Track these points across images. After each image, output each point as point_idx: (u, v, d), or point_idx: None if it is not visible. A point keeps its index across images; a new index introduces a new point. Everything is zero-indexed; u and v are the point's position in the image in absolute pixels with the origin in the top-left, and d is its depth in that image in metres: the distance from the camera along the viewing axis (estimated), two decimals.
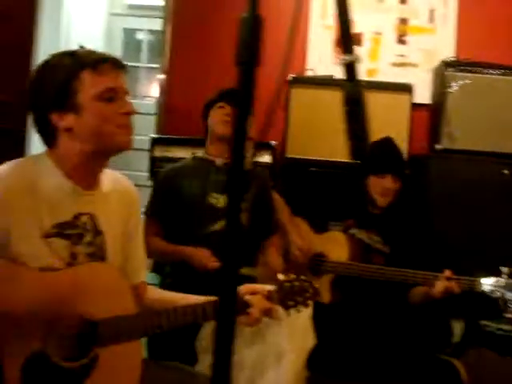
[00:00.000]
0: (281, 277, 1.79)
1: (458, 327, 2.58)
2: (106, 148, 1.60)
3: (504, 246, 3.21)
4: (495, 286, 2.26)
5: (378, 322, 2.50)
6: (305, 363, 2.15)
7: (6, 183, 1.49)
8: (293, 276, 1.80)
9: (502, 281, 2.25)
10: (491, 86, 3.48)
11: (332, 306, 2.54)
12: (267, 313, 1.68)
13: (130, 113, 1.60)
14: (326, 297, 2.56)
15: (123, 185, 1.78)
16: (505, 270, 2.27)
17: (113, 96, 1.56)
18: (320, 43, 3.98)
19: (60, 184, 1.57)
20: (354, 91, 0.98)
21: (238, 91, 2.78)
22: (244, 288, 1.69)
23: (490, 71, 3.51)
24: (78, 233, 1.59)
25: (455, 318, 2.60)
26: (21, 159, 1.60)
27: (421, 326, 2.49)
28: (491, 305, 2.40)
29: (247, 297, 1.65)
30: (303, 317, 1.97)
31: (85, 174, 1.61)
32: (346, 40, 0.97)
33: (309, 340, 2.11)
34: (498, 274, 2.28)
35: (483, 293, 2.29)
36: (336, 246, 2.58)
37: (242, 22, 0.88)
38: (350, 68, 0.97)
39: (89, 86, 1.54)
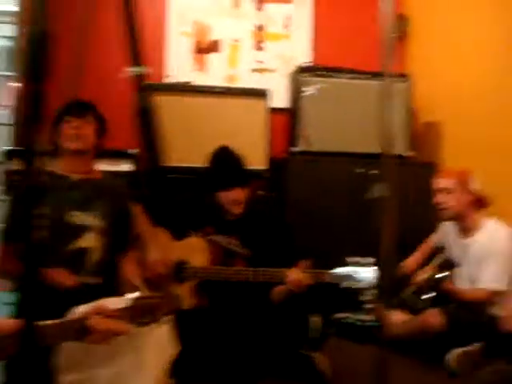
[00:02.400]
0: (134, 294, 1.80)
1: (316, 322, 2.70)
2: None
3: (360, 238, 3.42)
4: (343, 277, 2.40)
5: (242, 323, 2.56)
6: (168, 373, 2.14)
7: None
8: (147, 293, 1.82)
9: (348, 271, 2.40)
10: (344, 90, 3.68)
11: (196, 311, 2.56)
12: (116, 332, 1.67)
13: None
14: (190, 303, 2.58)
15: None
16: (351, 260, 2.41)
17: None
18: (178, 50, 4.00)
19: None
20: (144, 102, 0.99)
21: (86, 103, 2.69)
22: (91, 308, 1.67)
23: (343, 76, 3.71)
24: None
25: (313, 313, 2.70)
26: None
27: (281, 324, 2.57)
28: (351, 297, 2.53)
29: (89, 321, 1.63)
30: (163, 328, 1.97)
31: None
32: (134, 52, 0.97)
33: (170, 349, 2.10)
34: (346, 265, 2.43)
35: (332, 284, 2.43)
36: (197, 253, 2.61)
37: (28, 35, 0.84)
38: (139, 79, 0.98)
39: None
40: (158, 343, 2.02)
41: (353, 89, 3.70)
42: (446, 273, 2.98)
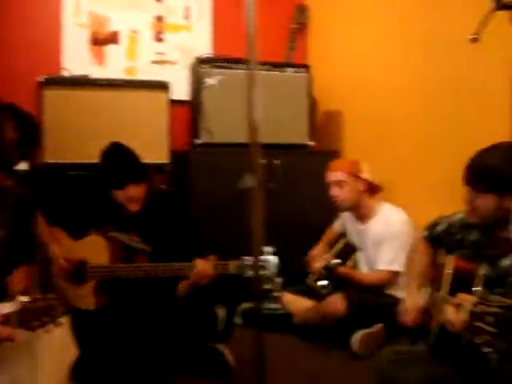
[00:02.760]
0: (21, 298, 1.72)
1: (220, 313, 2.70)
2: None
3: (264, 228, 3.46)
4: (247, 267, 2.39)
5: (146, 320, 2.51)
6: (67, 377, 2.08)
7: None
8: (37, 296, 1.74)
9: (251, 260, 2.39)
10: (245, 81, 3.66)
11: (98, 311, 2.50)
12: (3, 338, 1.61)
13: None
14: (91, 303, 2.51)
15: None
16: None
17: None
18: (75, 42, 3.87)
19: None
20: None
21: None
22: None
23: (244, 67, 3.68)
24: None
25: (219, 304, 2.70)
26: None
27: (187, 318, 2.55)
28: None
29: None
30: (57, 332, 1.90)
31: None
32: None
33: (68, 353, 2.04)
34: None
35: (237, 274, 2.42)
36: (96, 251, 2.53)
37: None
38: None
39: None
40: (56, 347, 1.96)
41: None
42: (339, 260, 3.05)
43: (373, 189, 3.14)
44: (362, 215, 3.13)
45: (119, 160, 2.67)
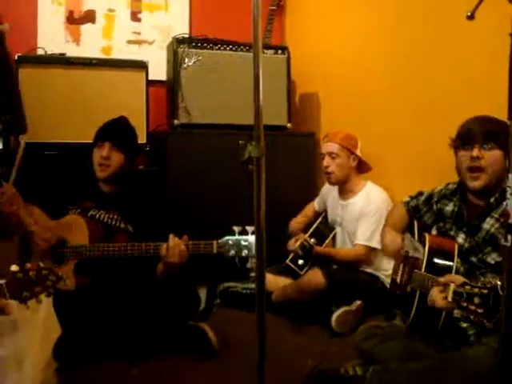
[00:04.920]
0: (13, 268, 1.69)
1: (202, 292, 2.70)
2: None
3: (242, 209, 3.47)
4: (228, 246, 2.38)
5: (128, 300, 2.51)
6: (51, 355, 2.07)
7: None
8: (29, 265, 1.72)
9: (234, 239, 2.38)
10: (223, 62, 3.67)
11: (78, 291, 2.49)
12: None
13: None
14: (71, 283, 2.49)
15: None
16: (236, 229, 2.40)
17: None
18: (51, 20, 3.80)
19: None
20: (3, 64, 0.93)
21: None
22: None
23: (222, 47, 3.69)
24: None
25: (200, 284, 2.70)
26: None
27: (169, 298, 2.55)
28: (238, 266, 2.52)
29: None
30: (42, 309, 1.90)
31: None
32: None
33: (52, 331, 2.04)
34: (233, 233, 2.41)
35: (220, 254, 2.40)
36: (76, 230, 2.51)
37: None
38: None
39: None
40: (40, 326, 1.95)
41: (232, 60, 3.70)
42: (315, 239, 3.07)
43: (362, 167, 3.17)
44: (346, 190, 3.16)
45: (109, 121, 2.73)
